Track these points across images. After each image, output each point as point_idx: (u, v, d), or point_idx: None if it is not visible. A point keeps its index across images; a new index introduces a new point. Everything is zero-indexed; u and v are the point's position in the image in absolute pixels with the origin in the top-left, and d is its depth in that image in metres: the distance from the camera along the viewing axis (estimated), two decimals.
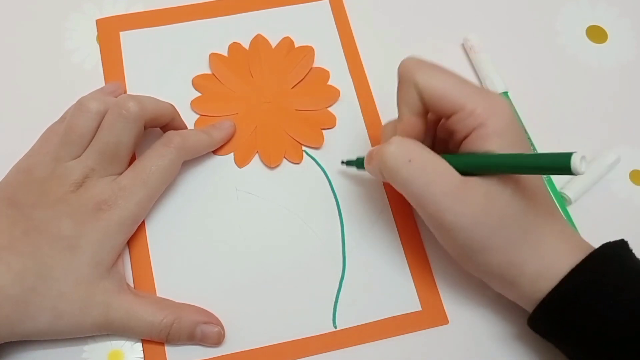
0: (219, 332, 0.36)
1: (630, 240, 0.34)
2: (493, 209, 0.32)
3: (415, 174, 0.33)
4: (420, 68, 0.34)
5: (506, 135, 0.32)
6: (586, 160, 0.28)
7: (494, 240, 0.32)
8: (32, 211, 0.35)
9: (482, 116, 0.32)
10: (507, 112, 0.33)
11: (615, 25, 0.48)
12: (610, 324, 0.31)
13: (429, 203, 0.33)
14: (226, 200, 0.40)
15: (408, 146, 0.33)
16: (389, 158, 0.33)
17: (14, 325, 0.33)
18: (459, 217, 0.32)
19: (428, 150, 0.33)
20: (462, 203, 0.32)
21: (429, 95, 0.33)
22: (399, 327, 0.38)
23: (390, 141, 0.34)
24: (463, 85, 0.33)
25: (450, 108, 0.33)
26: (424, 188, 0.32)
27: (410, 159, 0.33)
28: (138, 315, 0.35)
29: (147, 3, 0.46)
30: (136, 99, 0.36)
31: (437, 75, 0.33)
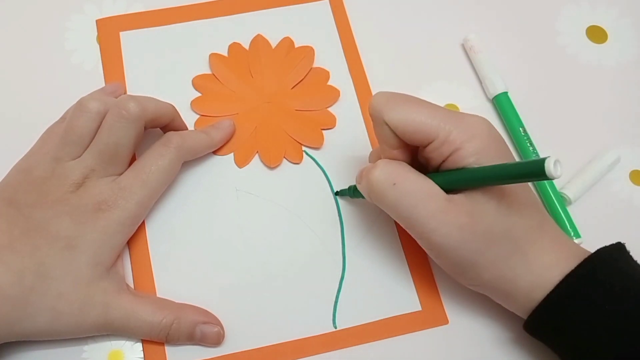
0: (219, 332, 0.36)
1: (630, 240, 0.34)
2: (479, 226, 0.32)
3: (400, 197, 0.33)
4: (388, 105, 0.33)
5: (484, 155, 0.32)
6: (560, 164, 0.28)
7: (484, 257, 0.33)
8: (32, 211, 0.35)
9: (457, 142, 0.32)
10: (484, 133, 0.33)
11: (615, 25, 0.48)
12: (603, 328, 0.31)
13: (416, 225, 0.33)
14: (226, 200, 0.40)
15: (392, 169, 0.34)
16: (374, 182, 0.34)
17: (13, 325, 0.33)
18: (446, 238, 0.32)
19: (413, 172, 0.34)
20: (447, 224, 0.32)
21: (401, 132, 0.33)
22: (399, 327, 0.38)
23: (375, 164, 0.34)
24: (434, 114, 0.33)
25: (424, 139, 0.33)
26: (410, 210, 0.33)
27: (395, 182, 0.33)
28: (137, 316, 0.35)
29: (147, 3, 0.46)
30: (136, 100, 0.36)
31: (405, 109, 0.33)
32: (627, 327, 0.31)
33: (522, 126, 0.43)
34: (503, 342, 0.38)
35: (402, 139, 0.34)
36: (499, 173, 0.31)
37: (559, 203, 0.41)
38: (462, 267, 0.34)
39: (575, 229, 0.40)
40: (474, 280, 0.34)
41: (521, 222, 0.33)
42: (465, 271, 0.34)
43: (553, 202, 0.41)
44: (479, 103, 0.44)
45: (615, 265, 0.33)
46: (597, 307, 0.31)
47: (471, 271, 0.34)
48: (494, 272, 0.33)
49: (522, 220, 0.33)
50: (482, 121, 0.33)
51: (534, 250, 0.33)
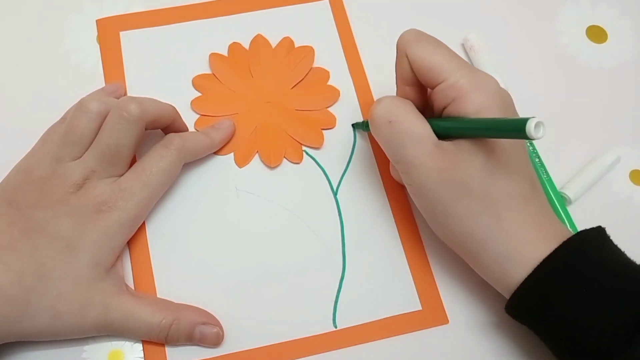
0: (218, 333, 0.36)
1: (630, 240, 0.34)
2: (457, 174, 0.33)
3: (393, 135, 0.35)
4: (414, 40, 0.35)
5: (484, 110, 0.33)
6: (543, 126, 0.28)
7: (456, 206, 0.33)
8: (32, 211, 0.35)
9: (462, 89, 0.33)
10: (492, 91, 0.34)
11: (615, 25, 0.48)
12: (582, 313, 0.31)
13: (401, 162, 0.35)
14: (226, 200, 0.40)
15: (393, 107, 0.35)
16: (374, 117, 0.36)
17: (12, 325, 0.33)
18: (425, 177, 0.34)
19: (412, 113, 0.35)
20: (428, 166, 0.33)
21: (417, 67, 0.35)
22: (399, 327, 0.38)
23: (380, 99, 0.36)
24: (452, 59, 0.35)
25: (435, 79, 0.34)
26: (399, 148, 0.34)
27: (391, 120, 0.35)
28: (137, 316, 0.35)
29: (147, 3, 0.46)
30: (137, 101, 0.36)
31: (429, 48, 0.35)
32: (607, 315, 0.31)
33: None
34: (503, 342, 0.38)
35: (416, 74, 0.35)
36: (482, 125, 0.32)
37: (559, 203, 0.41)
38: (434, 211, 0.35)
39: (575, 228, 0.40)
40: (443, 229, 0.35)
41: (503, 186, 0.33)
42: (436, 216, 0.35)
43: (553, 202, 0.41)
44: None
45: (594, 248, 0.33)
46: (576, 292, 0.31)
47: (441, 218, 0.35)
48: (462, 226, 0.34)
49: (505, 183, 0.33)
50: (493, 81, 0.34)
51: (511, 219, 0.33)
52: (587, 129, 0.44)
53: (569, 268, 0.32)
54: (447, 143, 0.34)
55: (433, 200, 0.34)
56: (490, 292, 0.36)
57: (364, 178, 0.41)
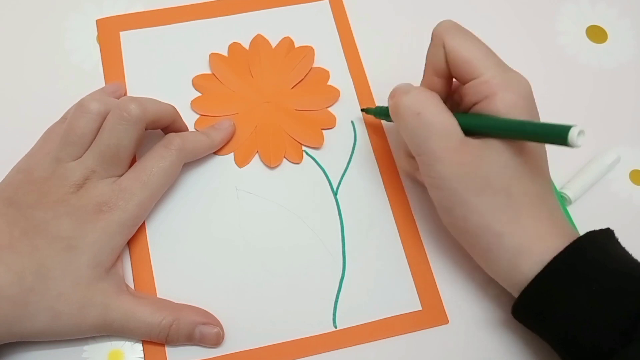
0: (218, 333, 0.36)
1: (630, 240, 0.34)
2: (481, 169, 0.33)
3: (419, 127, 0.35)
4: (453, 31, 0.35)
5: (514, 110, 0.33)
6: (584, 135, 0.29)
7: (476, 199, 0.34)
8: (32, 211, 0.35)
9: (495, 87, 0.33)
10: (524, 92, 0.34)
11: (615, 25, 0.48)
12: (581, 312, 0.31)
13: (424, 154, 0.35)
14: (226, 200, 0.40)
15: (422, 99, 0.35)
16: (401, 107, 0.35)
17: (12, 325, 0.33)
18: (449, 172, 0.34)
19: (440, 106, 0.35)
20: (451, 159, 0.34)
21: (453, 58, 0.35)
22: (399, 327, 0.38)
23: (408, 90, 0.36)
24: (488, 55, 0.35)
25: (469, 74, 0.34)
26: (424, 141, 0.34)
27: (420, 112, 0.34)
28: (137, 317, 0.35)
29: (147, 3, 0.46)
30: (138, 102, 0.36)
31: (467, 41, 0.35)
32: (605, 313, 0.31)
33: None
34: (503, 342, 0.38)
35: (450, 66, 0.35)
36: (522, 127, 0.32)
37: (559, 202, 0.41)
38: (453, 203, 0.34)
39: (575, 229, 0.40)
40: (459, 220, 0.35)
41: (526, 184, 0.34)
42: (454, 207, 0.35)
43: None
44: None
45: (603, 249, 0.33)
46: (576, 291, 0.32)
47: (459, 209, 0.34)
48: (480, 218, 0.34)
49: (528, 182, 0.34)
50: (526, 82, 0.35)
51: (529, 215, 0.34)
52: (587, 129, 0.44)
53: (569, 267, 0.32)
54: (474, 140, 0.34)
55: (453, 193, 0.34)
56: (490, 292, 0.37)
57: (364, 178, 0.41)
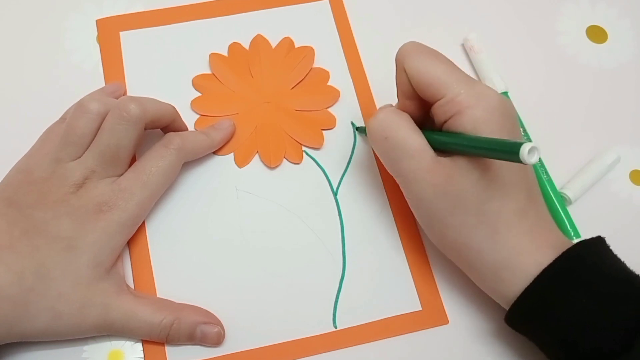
0: (219, 332, 0.36)
1: (630, 240, 0.34)
2: (453, 188, 0.33)
3: (389, 151, 0.35)
4: (412, 53, 0.35)
5: (483, 126, 0.32)
6: (537, 151, 0.28)
7: (451, 219, 0.34)
8: (32, 211, 0.35)
9: (461, 104, 0.33)
10: (492, 106, 0.33)
11: (615, 25, 0.48)
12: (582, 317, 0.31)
13: (398, 176, 0.35)
14: (226, 200, 0.40)
15: (389, 122, 0.35)
16: (370, 131, 0.36)
17: (13, 326, 0.33)
18: (422, 191, 0.34)
19: (409, 127, 0.35)
20: (424, 180, 0.34)
21: (416, 82, 0.34)
22: (399, 327, 0.38)
23: (376, 113, 0.36)
24: (451, 73, 0.34)
25: (434, 94, 0.34)
26: (395, 163, 0.35)
27: (387, 136, 0.35)
28: (137, 316, 0.35)
29: (147, 3, 0.46)
30: (137, 101, 0.36)
31: (426, 62, 0.34)
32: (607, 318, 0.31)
33: (522, 126, 0.43)
34: (503, 342, 0.38)
35: (416, 89, 0.35)
36: (474, 144, 0.32)
37: (559, 203, 0.41)
38: (431, 222, 0.35)
39: (575, 229, 0.40)
40: (439, 238, 0.35)
41: (499, 201, 0.33)
42: (433, 226, 0.35)
43: (553, 202, 0.41)
44: None
45: (594, 260, 0.33)
46: (577, 302, 0.31)
47: (437, 227, 0.35)
48: (457, 236, 0.34)
49: (501, 199, 0.33)
50: (494, 94, 0.34)
51: (506, 232, 0.33)
52: (587, 129, 0.44)
53: (568, 274, 0.32)
54: (445, 158, 0.33)
55: (429, 211, 0.34)
56: None
57: (364, 178, 0.41)
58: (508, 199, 0.33)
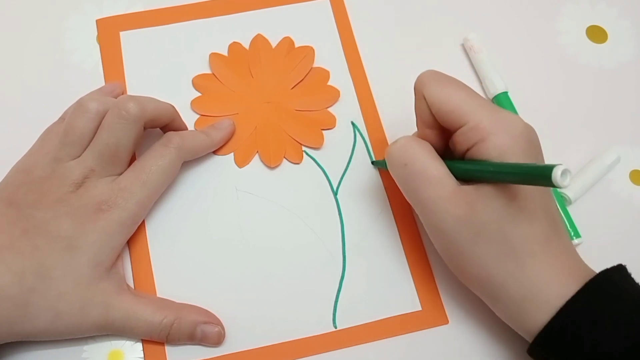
0: (219, 332, 0.36)
1: (631, 240, 0.34)
2: (475, 218, 0.32)
3: (408, 178, 0.34)
4: (431, 81, 0.34)
5: (508, 153, 0.32)
6: (570, 174, 0.27)
7: (473, 250, 0.33)
8: (32, 211, 0.35)
9: (485, 131, 0.32)
10: (516, 132, 0.32)
11: (615, 25, 0.48)
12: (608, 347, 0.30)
13: (417, 205, 0.34)
14: (226, 200, 0.40)
15: (409, 149, 0.34)
16: (389, 157, 0.35)
17: (13, 325, 0.33)
18: (441, 222, 0.33)
19: (429, 155, 0.34)
20: (445, 211, 0.33)
21: (436, 110, 0.34)
22: (399, 327, 0.38)
23: (396, 140, 0.35)
24: (471, 100, 0.33)
25: (456, 122, 0.33)
26: (414, 192, 0.34)
27: (406, 163, 0.34)
28: (138, 316, 0.35)
29: (147, 3, 0.46)
30: (136, 100, 0.36)
31: (446, 89, 0.34)
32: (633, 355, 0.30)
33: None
34: (503, 342, 0.38)
35: (436, 117, 0.34)
36: (503, 170, 0.31)
37: (559, 203, 0.41)
38: (451, 253, 0.34)
39: (575, 229, 0.40)
40: (463, 272, 0.34)
41: (524, 230, 0.32)
42: (453, 258, 0.34)
43: None
44: None
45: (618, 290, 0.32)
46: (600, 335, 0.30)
47: (459, 260, 0.34)
48: (480, 269, 0.33)
49: (527, 228, 0.32)
50: (519, 120, 0.33)
51: (532, 263, 0.32)
52: (587, 129, 0.44)
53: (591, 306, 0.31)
54: (468, 187, 0.32)
55: (451, 243, 0.33)
56: None
57: (364, 178, 0.41)
58: (533, 228, 0.32)
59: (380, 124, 0.43)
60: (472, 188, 0.32)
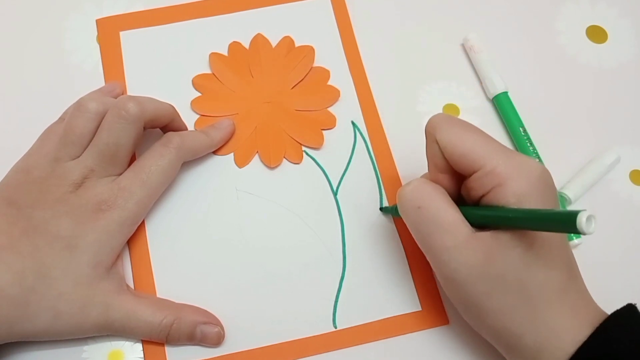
0: (219, 333, 0.36)
1: (631, 240, 0.34)
2: (492, 269, 0.31)
3: (421, 223, 0.33)
4: (443, 125, 0.33)
5: (527, 198, 0.31)
6: (595, 220, 0.26)
7: (489, 302, 0.31)
8: (32, 211, 0.35)
9: (501, 176, 0.31)
10: (533, 176, 0.31)
11: (615, 25, 0.48)
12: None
13: (429, 252, 0.33)
14: (226, 200, 0.40)
15: (422, 192, 0.33)
16: (402, 200, 0.34)
17: (13, 326, 0.33)
18: (455, 272, 0.32)
19: (444, 199, 0.33)
20: (458, 260, 0.31)
21: (449, 154, 0.33)
22: (399, 327, 0.38)
23: (409, 182, 0.34)
24: (486, 143, 0.32)
25: (470, 166, 0.32)
26: (426, 238, 0.33)
27: (420, 206, 0.33)
28: (137, 316, 0.35)
29: (147, 2, 0.46)
30: (136, 100, 0.36)
31: (459, 133, 0.33)
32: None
33: (522, 126, 0.43)
34: None
35: (449, 162, 0.33)
36: (527, 217, 0.29)
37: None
38: (466, 305, 0.33)
39: None
40: (477, 321, 0.33)
41: (542, 278, 0.31)
42: (468, 309, 0.33)
43: None
44: (479, 103, 0.45)
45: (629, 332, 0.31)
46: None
47: (474, 311, 0.33)
48: (497, 320, 0.32)
49: (544, 276, 0.31)
50: (535, 164, 0.32)
51: (549, 311, 0.31)
52: (587, 129, 0.44)
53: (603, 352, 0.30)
54: (484, 233, 0.31)
55: (466, 294, 0.32)
56: None
57: (364, 178, 0.41)
58: (551, 275, 0.31)
59: (381, 123, 0.43)
60: (488, 235, 0.31)
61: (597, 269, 0.39)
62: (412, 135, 0.42)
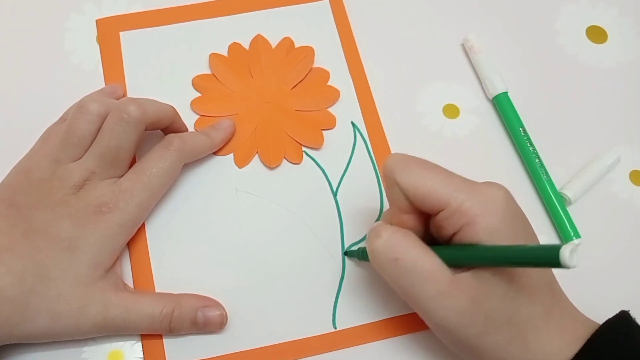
0: (222, 315, 0.36)
1: (631, 240, 0.34)
2: (480, 311, 0.30)
3: (400, 276, 0.31)
4: (402, 167, 0.32)
5: (498, 233, 0.30)
6: (577, 253, 0.26)
7: (482, 342, 0.31)
8: (32, 213, 0.35)
9: (469, 214, 0.30)
10: (500, 209, 0.31)
11: (615, 25, 0.48)
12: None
13: (414, 304, 0.32)
14: (226, 200, 0.40)
15: (396, 242, 0.32)
16: (375, 254, 0.32)
17: (13, 327, 0.33)
18: (444, 320, 0.31)
19: (418, 246, 0.32)
20: (446, 307, 0.31)
21: (412, 195, 0.32)
22: (399, 327, 0.38)
23: (379, 233, 0.32)
24: (448, 180, 0.31)
25: (435, 206, 0.31)
26: (409, 289, 0.31)
27: (397, 258, 0.31)
28: (137, 308, 0.35)
29: (147, 3, 0.46)
30: (137, 103, 0.36)
31: (419, 173, 0.32)
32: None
33: (522, 126, 0.43)
34: None
35: (413, 203, 0.32)
36: (509, 255, 0.29)
37: (559, 203, 0.41)
38: (459, 346, 0.33)
39: (575, 229, 0.40)
40: (473, 358, 0.33)
41: (528, 308, 0.31)
42: (462, 350, 0.33)
43: (553, 202, 0.41)
44: (479, 103, 0.45)
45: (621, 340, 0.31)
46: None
47: (468, 351, 0.32)
48: (493, 356, 0.32)
49: (529, 305, 0.31)
50: (500, 194, 0.31)
51: (537, 339, 0.31)
52: (587, 129, 0.44)
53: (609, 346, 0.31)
54: (464, 275, 0.31)
55: (456, 338, 0.32)
56: None
57: (364, 178, 0.41)
58: (535, 304, 0.31)
59: (380, 124, 0.43)
60: (469, 276, 0.31)
61: (596, 269, 0.39)
62: (412, 135, 0.43)
